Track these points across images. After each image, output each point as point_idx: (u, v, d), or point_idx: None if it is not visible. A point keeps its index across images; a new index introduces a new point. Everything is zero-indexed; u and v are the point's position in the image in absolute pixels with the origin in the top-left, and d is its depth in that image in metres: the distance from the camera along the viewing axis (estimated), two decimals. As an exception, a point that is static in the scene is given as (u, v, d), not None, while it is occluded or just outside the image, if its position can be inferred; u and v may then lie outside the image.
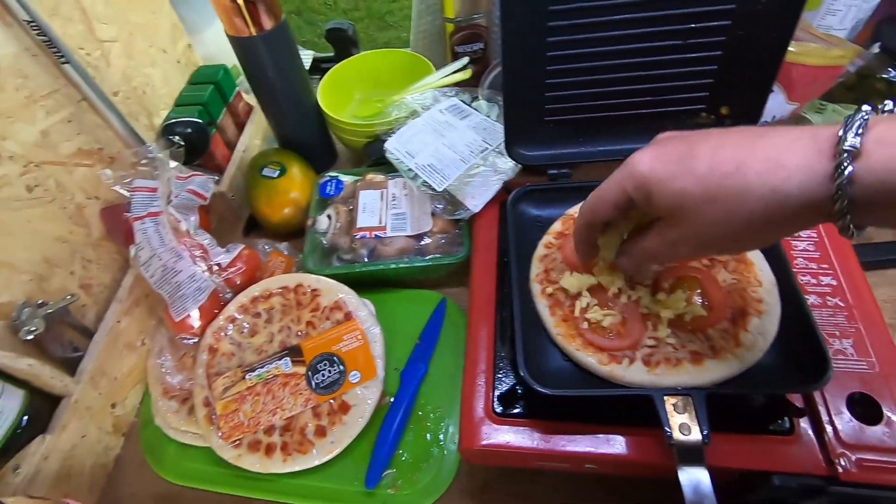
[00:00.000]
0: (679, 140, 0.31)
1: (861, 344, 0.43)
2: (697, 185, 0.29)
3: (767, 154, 0.27)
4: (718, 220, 0.29)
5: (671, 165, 0.30)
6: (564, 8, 0.42)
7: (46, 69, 0.50)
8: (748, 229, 0.29)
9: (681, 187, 0.29)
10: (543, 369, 0.42)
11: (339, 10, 2.77)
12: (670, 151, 0.31)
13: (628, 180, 0.32)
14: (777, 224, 0.28)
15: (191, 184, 0.59)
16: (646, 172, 0.31)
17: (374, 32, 2.62)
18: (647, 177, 0.31)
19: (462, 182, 0.57)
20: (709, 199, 0.29)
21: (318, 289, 0.58)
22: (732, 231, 0.29)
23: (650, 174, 0.31)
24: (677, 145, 0.31)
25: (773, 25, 0.42)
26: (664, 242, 0.33)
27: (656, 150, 0.31)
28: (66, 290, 0.52)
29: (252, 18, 0.58)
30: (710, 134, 0.31)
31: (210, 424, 0.52)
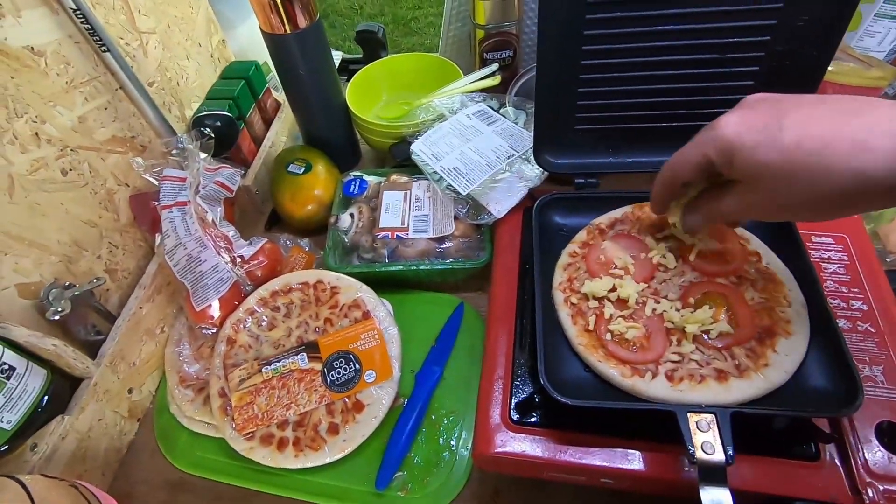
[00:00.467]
0: (769, 105, 0.31)
1: (892, 371, 0.42)
2: (781, 159, 0.29)
3: (856, 135, 0.27)
4: (799, 193, 0.30)
5: (757, 133, 0.30)
6: (602, 17, 0.42)
7: (88, 57, 0.51)
8: (828, 204, 0.30)
9: (764, 158, 0.29)
10: (563, 379, 0.42)
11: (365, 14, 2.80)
12: (758, 118, 0.30)
13: (712, 144, 0.32)
14: (859, 202, 0.29)
15: (219, 176, 0.59)
16: (730, 137, 0.31)
17: (399, 38, 2.65)
18: (731, 142, 0.31)
19: (487, 187, 0.57)
20: (791, 174, 0.29)
21: (337, 286, 0.58)
22: (812, 204, 0.30)
23: (735, 139, 0.30)
24: (766, 111, 0.30)
25: (813, 43, 0.42)
26: (741, 205, 0.34)
27: (743, 114, 0.31)
28: (93, 273, 0.53)
29: (287, 16, 0.59)
30: (801, 102, 0.30)
31: (224, 415, 0.52)
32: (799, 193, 0.30)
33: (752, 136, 0.30)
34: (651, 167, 0.51)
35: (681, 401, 0.38)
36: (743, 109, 0.32)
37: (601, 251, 0.47)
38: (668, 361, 0.40)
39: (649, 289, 0.44)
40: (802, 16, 0.41)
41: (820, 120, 0.28)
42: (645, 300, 0.43)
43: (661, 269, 0.45)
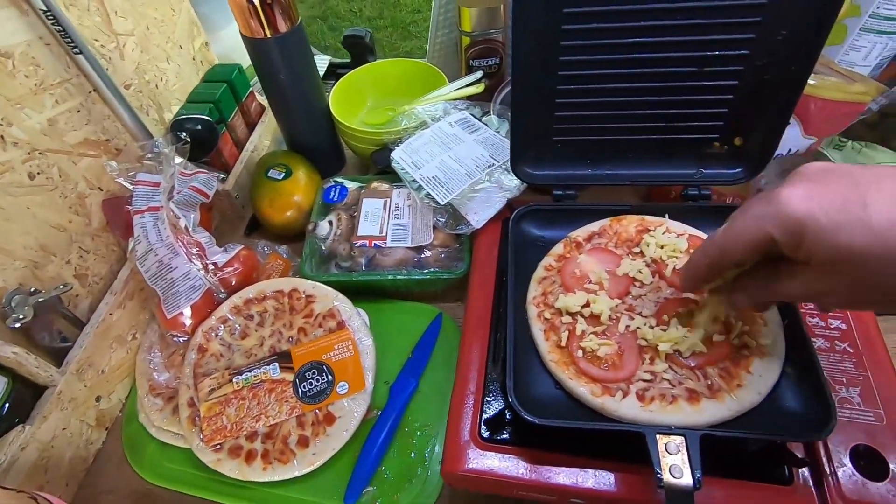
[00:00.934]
0: (840, 178, 0.27)
1: (869, 393, 0.41)
2: (875, 243, 0.25)
3: None
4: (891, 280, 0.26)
5: (836, 214, 0.26)
6: (578, 27, 0.42)
7: (59, 58, 0.50)
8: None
9: (850, 242, 0.26)
10: (534, 396, 0.41)
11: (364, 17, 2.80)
12: (832, 193, 0.26)
13: (775, 221, 0.28)
14: None
15: (194, 181, 0.58)
16: (801, 216, 0.27)
17: (397, 41, 2.65)
18: (802, 221, 0.27)
19: (466, 197, 0.56)
20: (889, 262, 0.25)
21: (312, 295, 0.57)
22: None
23: (807, 218, 0.26)
24: (840, 186, 0.27)
25: (792, 58, 0.41)
26: (808, 291, 0.30)
27: (812, 189, 0.27)
28: (61, 278, 0.52)
29: (268, 20, 0.58)
30: (879, 175, 0.27)
31: (193, 426, 0.51)
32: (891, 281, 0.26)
33: (829, 215, 0.26)
34: (629, 180, 0.50)
35: (651, 422, 0.37)
36: (807, 182, 0.28)
37: (577, 265, 0.46)
38: (640, 380, 0.39)
39: (623, 304, 0.43)
40: (781, 30, 0.40)
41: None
42: (619, 316, 0.42)
43: (636, 284, 0.44)
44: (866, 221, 0.25)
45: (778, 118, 0.44)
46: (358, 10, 2.84)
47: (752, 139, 0.46)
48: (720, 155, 0.48)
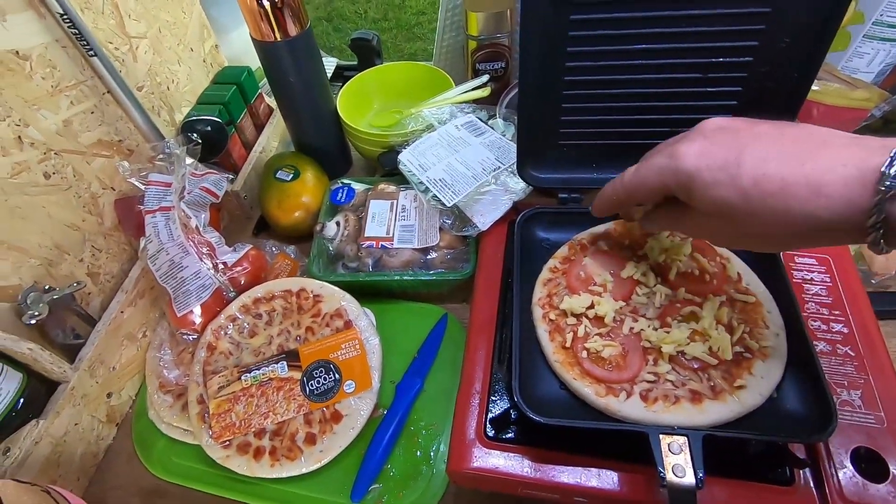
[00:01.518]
0: (727, 137, 0.31)
1: (870, 396, 0.41)
2: (740, 198, 0.30)
3: (810, 178, 0.27)
4: (756, 229, 0.31)
5: (716, 171, 0.30)
6: (585, 34, 0.42)
7: (75, 61, 0.51)
8: (783, 241, 0.32)
9: (723, 195, 0.30)
10: (538, 396, 0.42)
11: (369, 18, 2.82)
12: (717, 151, 0.31)
13: (671, 174, 0.32)
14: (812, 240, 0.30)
15: (205, 181, 0.59)
16: (690, 170, 0.31)
17: (402, 43, 2.66)
18: (691, 175, 0.31)
19: (472, 199, 0.56)
20: (749, 213, 0.30)
21: (320, 295, 0.58)
22: (768, 239, 0.32)
23: (695, 173, 0.31)
24: (724, 144, 0.31)
25: (795, 64, 0.42)
26: (698, 230, 0.36)
27: (703, 147, 0.31)
28: (74, 276, 0.53)
29: (278, 24, 0.59)
30: (759, 135, 0.30)
31: (202, 422, 0.52)
32: (756, 230, 0.31)
33: (711, 171, 0.30)
34: (634, 184, 0.50)
35: (654, 422, 0.38)
36: (702, 139, 0.32)
37: (582, 267, 0.47)
38: (644, 381, 0.40)
39: (628, 307, 0.44)
40: (784, 37, 0.41)
41: (777, 158, 0.29)
42: (623, 318, 0.43)
43: (640, 287, 0.45)
44: (737, 179, 0.29)
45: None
46: (363, 12, 2.86)
47: (756, 144, 0.47)
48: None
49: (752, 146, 0.30)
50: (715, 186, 0.30)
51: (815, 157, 0.28)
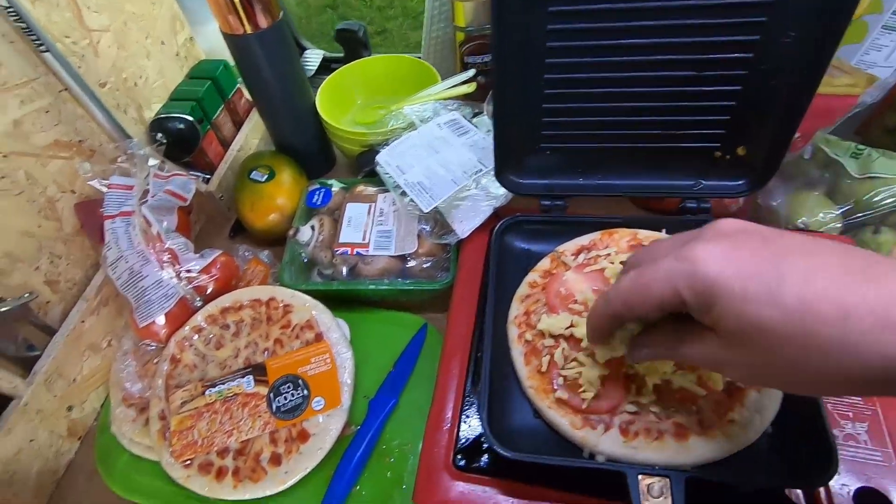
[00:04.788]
0: (755, 242, 0.25)
1: (877, 430, 0.38)
2: (784, 321, 0.23)
3: (874, 304, 0.22)
4: (797, 365, 0.24)
5: (750, 281, 0.24)
6: (565, 27, 0.38)
7: (25, 56, 0.48)
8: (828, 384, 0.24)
9: (758, 316, 0.23)
10: (510, 425, 0.38)
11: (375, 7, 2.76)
12: (748, 258, 0.24)
13: (686, 280, 0.25)
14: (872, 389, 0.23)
15: (170, 184, 0.56)
16: (714, 278, 0.24)
17: (408, 31, 2.60)
18: (715, 284, 0.24)
19: (451, 204, 0.53)
20: (790, 340, 0.23)
21: (290, 304, 0.55)
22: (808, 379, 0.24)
23: (721, 283, 0.24)
24: (755, 250, 0.24)
25: (801, 61, 0.37)
26: (711, 358, 0.27)
27: (727, 250, 0.25)
28: (29, 285, 0.50)
29: (247, 16, 0.55)
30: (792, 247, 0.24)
31: (163, 439, 0.49)
32: (795, 367, 0.24)
33: (743, 282, 0.24)
34: (623, 190, 0.47)
35: (633, 459, 0.34)
36: (723, 240, 0.25)
37: (562, 283, 0.43)
38: (625, 412, 0.36)
39: (611, 328, 0.40)
40: (790, 31, 0.36)
41: (828, 277, 0.23)
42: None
43: (625, 305, 0.41)
44: (778, 296, 0.23)
45: (785, 126, 0.41)
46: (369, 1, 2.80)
47: (757, 149, 0.43)
48: (722, 165, 0.44)
49: (791, 257, 0.24)
50: (747, 301, 0.23)
51: (876, 279, 0.22)
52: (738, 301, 0.24)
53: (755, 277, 0.24)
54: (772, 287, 0.23)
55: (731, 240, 0.25)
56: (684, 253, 0.26)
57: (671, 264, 0.26)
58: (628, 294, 0.28)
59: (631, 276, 0.28)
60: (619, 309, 0.29)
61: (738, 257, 0.24)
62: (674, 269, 0.26)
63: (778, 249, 0.24)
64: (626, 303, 0.29)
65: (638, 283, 0.28)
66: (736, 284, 0.24)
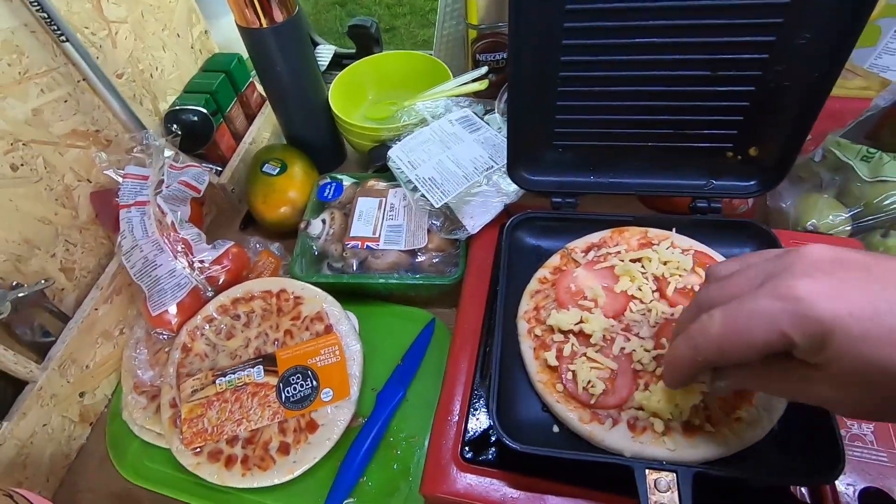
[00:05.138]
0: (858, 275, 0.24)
1: (884, 431, 0.38)
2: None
3: None
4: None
5: (866, 322, 0.22)
6: (581, 25, 0.38)
7: (45, 46, 0.48)
8: None
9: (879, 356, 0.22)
10: (519, 418, 0.39)
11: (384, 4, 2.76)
12: (856, 295, 0.23)
13: (795, 322, 0.23)
14: None
15: (185, 175, 0.57)
16: (827, 319, 0.23)
17: (416, 29, 2.60)
18: (829, 327, 0.23)
19: (462, 200, 0.53)
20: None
21: (301, 296, 0.55)
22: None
23: (836, 324, 0.23)
24: (861, 286, 0.23)
25: (816, 63, 0.37)
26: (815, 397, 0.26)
27: (834, 288, 0.23)
28: (46, 272, 0.51)
29: (263, 10, 0.56)
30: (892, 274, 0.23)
31: (174, 427, 0.50)
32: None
33: (859, 322, 0.22)
34: (634, 189, 0.47)
35: (640, 454, 0.35)
36: (827, 278, 0.24)
37: (573, 279, 0.43)
38: (633, 408, 0.37)
39: (620, 324, 0.41)
40: (805, 33, 0.36)
41: None
42: (614, 337, 0.40)
43: (634, 302, 0.41)
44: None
45: (798, 127, 0.41)
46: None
47: (769, 149, 0.43)
48: (733, 165, 0.45)
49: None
50: (866, 343, 0.22)
51: None
52: (857, 342, 0.23)
53: (871, 317, 0.22)
54: (889, 326, 0.22)
55: (832, 275, 0.24)
56: (782, 291, 0.24)
57: (771, 305, 0.24)
58: (723, 340, 0.26)
59: (719, 319, 0.26)
60: (712, 356, 0.27)
61: (847, 296, 0.23)
62: (776, 310, 0.24)
63: (885, 280, 0.23)
64: (720, 349, 0.27)
65: (734, 328, 0.26)
66: (853, 325, 0.23)
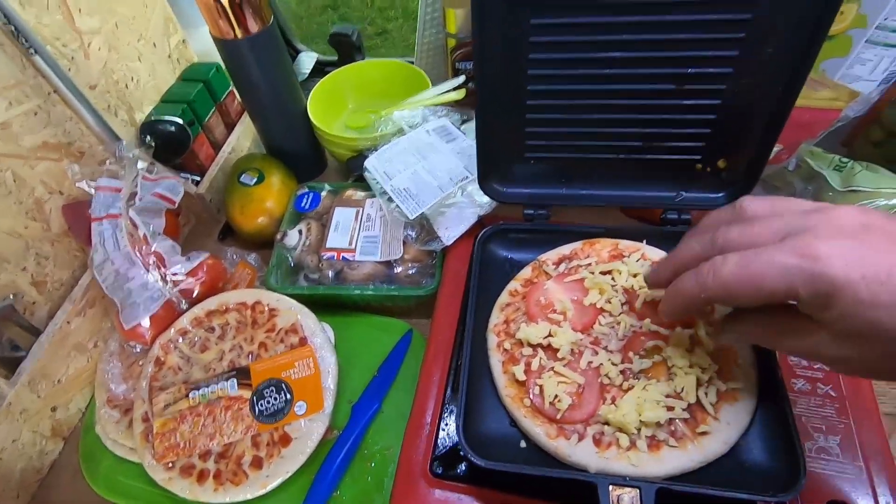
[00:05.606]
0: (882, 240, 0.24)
1: (849, 443, 0.38)
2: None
3: None
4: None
5: (877, 287, 0.23)
6: (547, 40, 0.38)
7: (13, 59, 0.48)
8: None
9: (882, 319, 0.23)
10: (486, 433, 0.39)
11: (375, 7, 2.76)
12: (875, 259, 0.23)
13: (806, 279, 0.24)
14: None
15: (159, 187, 0.56)
16: (838, 280, 0.23)
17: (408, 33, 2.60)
18: (839, 287, 0.23)
19: (437, 211, 0.53)
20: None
21: (276, 308, 0.55)
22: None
23: (845, 285, 0.23)
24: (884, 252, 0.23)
25: (780, 76, 0.37)
26: (814, 352, 0.27)
27: (853, 250, 0.24)
28: (15, 286, 0.51)
29: (238, 21, 0.56)
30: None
31: (146, 441, 0.50)
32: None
33: (869, 287, 0.23)
34: (605, 201, 0.47)
35: (605, 470, 0.35)
36: (849, 241, 0.24)
37: (543, 292, 0.43)
38: (598, 422, 0.37)
39: (588, 337, 0.41)
40: (767, 48, 0.37)
41: None
42: (582, 350, 0.40)
43: (604, 315, 0.41)
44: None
45: (764, 139, 0.41)
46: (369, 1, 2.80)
47: (737, 161, 0.43)
48: (702, 177, 0.45)
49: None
50: (872, 307, 0.23)
51: None
52: (865, 306, 0.23)
53: (885, 280, 0.23)
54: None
55: (857, 238, 0.24)
56: (803, 248, 0.24)
57: (788, 259, 0.25)
58: (732, 282, 0.27)
59: (734, 262, 0.27)
60: (718, 294, 0.28)
61: (865, 259, 0.23)
62: (792, 264, 0.25)
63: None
64: (727, 290, 0.27)
65: (746, 273, 0.26)
66: (862, 290, 0.23)
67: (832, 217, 0.26)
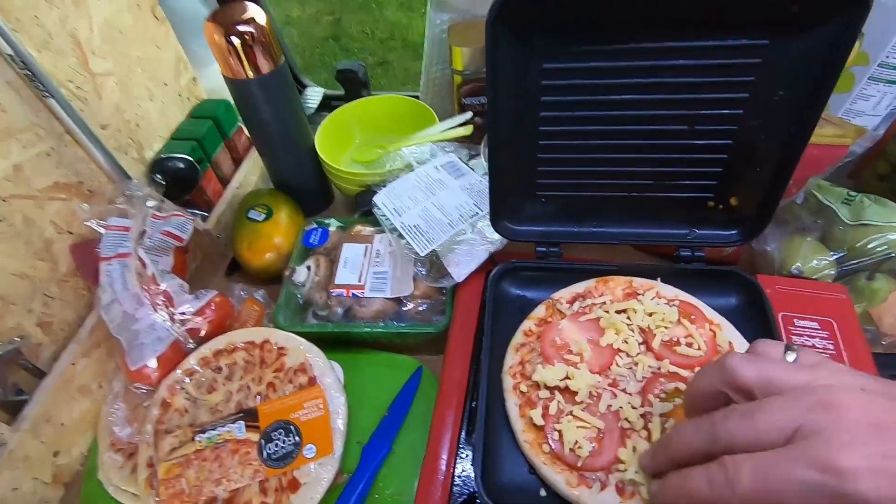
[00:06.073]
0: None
1: None
2: None
3: None
4: None
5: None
6: (559, 83, 0.39)
7: (28, 102, 0.48)
8: None
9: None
10: (506, 481, 0.38)
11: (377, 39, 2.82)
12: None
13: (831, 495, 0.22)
14: None
15: (168, 225, 0.56)
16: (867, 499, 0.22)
17: (408, 63, 2.65)
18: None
19: (447, 248, 0.53)
20: None
21: (284, 347, 0.54)
22: None
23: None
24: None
25: (790, 118, 0.38)
26: None
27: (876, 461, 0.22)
28: (22, 328, 0.50)
29: (249, 61, 0.57)
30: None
31: (150, 488, 0.48)
32: None
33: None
34: (618, 238, 0.47)
35: (630, 521, 0.34)
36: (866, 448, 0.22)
37: (558, 332, 0.43)
38: (620, 470, 0.36)
39: (606, 379, 0.40)
40: (778, 90, 0.37)
41: None
42: (600, 393, 0.39)
43: (620, 356, 0.41)
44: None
45: (776, 179, 0.41)
46: (370, 32, 2.87)
47: (749, 200, 0.43)
48: (715, 215, 0.45)
49: None
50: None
51: None
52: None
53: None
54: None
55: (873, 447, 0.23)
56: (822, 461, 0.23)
57: (808, 474, 0.23)
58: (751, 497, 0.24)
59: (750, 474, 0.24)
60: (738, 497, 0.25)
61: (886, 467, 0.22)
62: (813, 481, 0.23)
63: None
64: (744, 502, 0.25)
65: (765, 488, 0.24)
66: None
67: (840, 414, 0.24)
